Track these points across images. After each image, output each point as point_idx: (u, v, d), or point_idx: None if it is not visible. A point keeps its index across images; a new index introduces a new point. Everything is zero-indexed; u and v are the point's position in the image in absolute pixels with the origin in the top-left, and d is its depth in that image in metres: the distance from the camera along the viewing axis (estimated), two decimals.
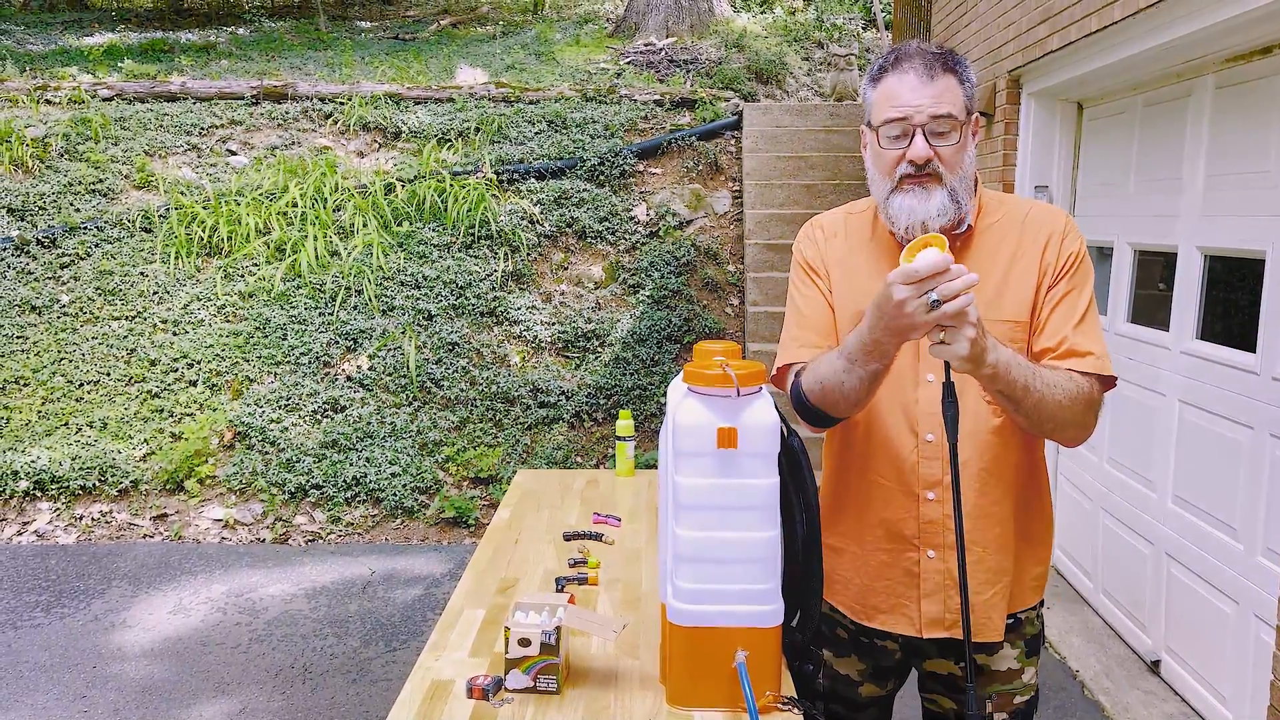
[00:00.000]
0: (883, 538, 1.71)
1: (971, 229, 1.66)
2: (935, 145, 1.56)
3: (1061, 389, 1.53)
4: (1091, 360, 1.58)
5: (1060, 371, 1.56)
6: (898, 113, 1.56)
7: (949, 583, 1.67)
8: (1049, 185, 4.30)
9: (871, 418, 1.70)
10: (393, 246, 6.69)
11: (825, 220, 1.83)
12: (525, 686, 1.59)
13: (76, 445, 5.41)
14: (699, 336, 6.37)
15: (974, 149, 1.64)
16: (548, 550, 2.30)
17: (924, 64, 1.56)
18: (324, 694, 3.55)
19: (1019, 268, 1.64)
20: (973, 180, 1.66)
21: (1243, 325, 2.99)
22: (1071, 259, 1.63)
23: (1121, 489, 3.72)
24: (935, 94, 1.55)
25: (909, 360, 1.66)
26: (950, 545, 1.66)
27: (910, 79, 1.56)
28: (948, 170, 1.57)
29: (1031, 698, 1.79)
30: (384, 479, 5.31)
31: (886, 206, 1.62)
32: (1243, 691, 2.92)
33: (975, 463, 1.64)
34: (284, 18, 13.90)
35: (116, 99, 8.08)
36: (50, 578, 4.55)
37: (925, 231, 1.58)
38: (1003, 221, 1.68)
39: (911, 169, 1.57)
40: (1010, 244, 1.66)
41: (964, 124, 1.58)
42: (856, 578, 1.76)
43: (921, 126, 1.55)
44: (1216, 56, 3.10)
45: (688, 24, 10.99)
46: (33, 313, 6.19)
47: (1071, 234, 1.66)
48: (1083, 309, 1.62)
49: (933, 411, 1.64)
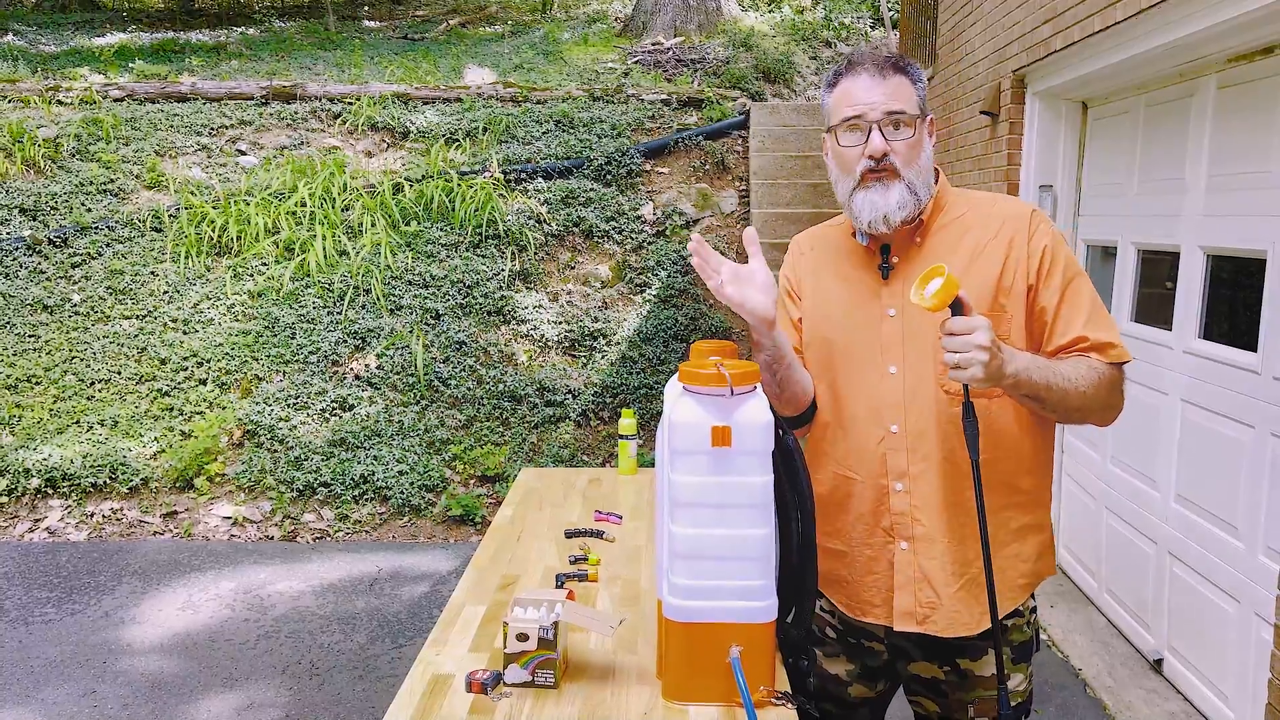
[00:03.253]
0: (865, 532, 1.73)
1: (924, 223, 1.70)
2: (890, 140, 1.62)
3: (1083, 379, 1.57)
4: (1113, 351, 1.63)
5: (1075, 362, 1.59)
6: (853, 110, 1.63)
7: (919, 576, 1.68)
8: (1053, 185, 4.31)
9: (839, 412, 1.75)
10: (401, 246, 6.73)
11: (803, 237, 1.92)
12: (523, 681, 1.62)
13: (87, 443, 5.46)
14: (705, 335, 6.39)
15: (930, 146, 1.69)
16: (549, 548, 2.33)
17: (875, 65, 1.64)
18: (331, 690, 3.58)
19: (981, 261, 1.66)
20: (931, 175, 1.69)
21: (1245, 325, 3.00)
22: (1047, 253, 1.65)
23: (1124, 488, 3.72)
24: (888, 92, 1.62)
25: (872, 353, 1.70)
26: (920, 537, 1.68)
27: (863, 79, 1.63)
28: (903, 165, 1.63)
29: (1022, 703, 1.77)
30: (391, 477, 5.35)
31: (850, 204, 1.68)
32: (1244, 690, 2.93)
33: (938, 453, 1.66)
34: (293, 18, 13.96)
35: (127, 99, 8.14)
36: (61, 574, 4.60)
37: (889, 226, 1.64)
38: (966, 217, 1.71)
39: (870, 164, 1.62)
40: (973, 238, 1.68)
41: (918, 120, 1.64)
42: (849, 574, 1.78)
43: (876, 123, 1.61)
44: (1219, 57, 3.10)
45: (695, 23, 10.99)
46: (45, 312, 6.25)
47: (1041, 228, 1.67)
48: (1087, 300, 1.65)
49: (895, 402, 1.68)
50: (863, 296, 1.73)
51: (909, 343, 1.68)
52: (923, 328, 1.66)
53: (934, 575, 1.68)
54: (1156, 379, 3.47)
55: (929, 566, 1.68)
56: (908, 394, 1.67)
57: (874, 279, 1.73)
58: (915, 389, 1.67)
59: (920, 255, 1.70)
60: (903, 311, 1.69)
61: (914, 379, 1.67)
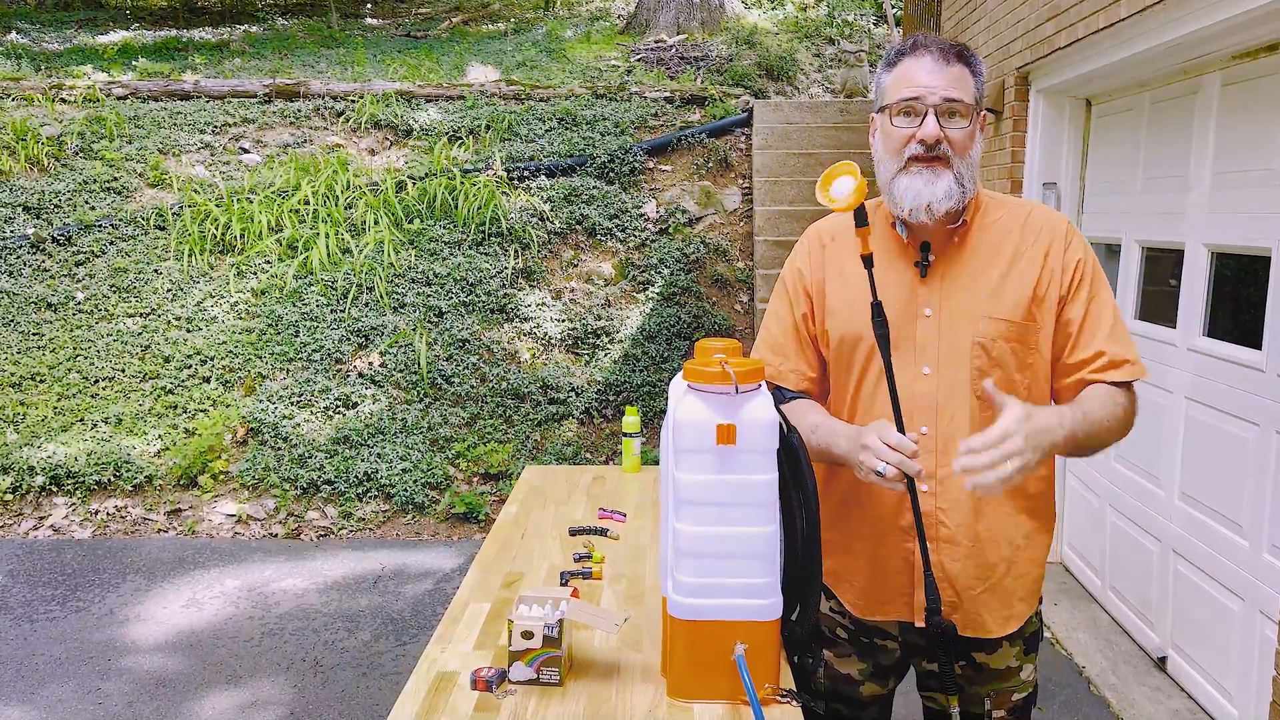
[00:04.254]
0: (880, 531, 1.72)
1: (967, 223, 1.68)
2: (946, 127, 1.58)
3: (1110, 417, 1.59)
4: (1129, 368, 1.63)
5: (1101, 398, 1.60)
6: (912, 92, 1.59)
7: (939, 575, 1.68)
8: (1057, 182, 4.30)
9: (866, 410, 1.71)
10: (404, 244, 6.73)
11: (825, 226, 1.83)
12: (528, 678, 1.62)
13: (91, 441, 5.47)
14: (708, 333, 6.39)
15: (980, 142, 1.66)
16: (553, 545, 2.33)
17: (940, 51, 1.60)
18: (335, 687, 3.59)
19: (1019, 268, 1.65)
20: (978, 171, 1.67)
21: (1249, 323, 2.99)
22: (1081, 267, 1.65)
23: (1129, 486, 3.72)
24: (949, 79, 1.58)
25: (905, 352, 1.67)
26: (943, 539, 1.67)
27: (926, 62, 1.59)
28: (956, 154, 1.59)
29: (1030, 694, 1.80)
30: (395, 475, 5.36)
31: (892, 189, 1.64)
32: (1248, 688, 2.93)
33: None
34: (296, 15, 13.96)
35: (131, 98, 8.15)
36: (65, 572, 4.61)
37: (930, 216, 1.60)
38: (1004, 220, 1.69)
39: (921, 149, 1.58)
40: (1012, 243, 1.67)
41: (974, 112, 1.61)
42: (861, 572, 1.77)
43: (934, 107, 1.57)
44: (1223, 54, 3.10)
45: (698, 21, 10.98)
46: (49, 310, 6.26)
47: (1075, 241, 1.67)
48: (1110, 317, 1.65)
49: (928, 404, 1.65)
50: (898, 292, 1.68)
51: (945, 344, 1.65)
52: (959, 329, 1.64)
53: (956, 576, 1.68)
54: (1161, 377, 3.46)
55: (952, 568, 1.68)
56: (941, 396, 1.65)
57: (910, 276, 1.68)
58: (950, 391, 1.65)
59: (960, 255, 1.67)
60: (939, 311, 1.65)
61: (949, 381, 1.65)
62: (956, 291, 1.65)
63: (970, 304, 1.64)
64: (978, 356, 1.63)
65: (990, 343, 1.62)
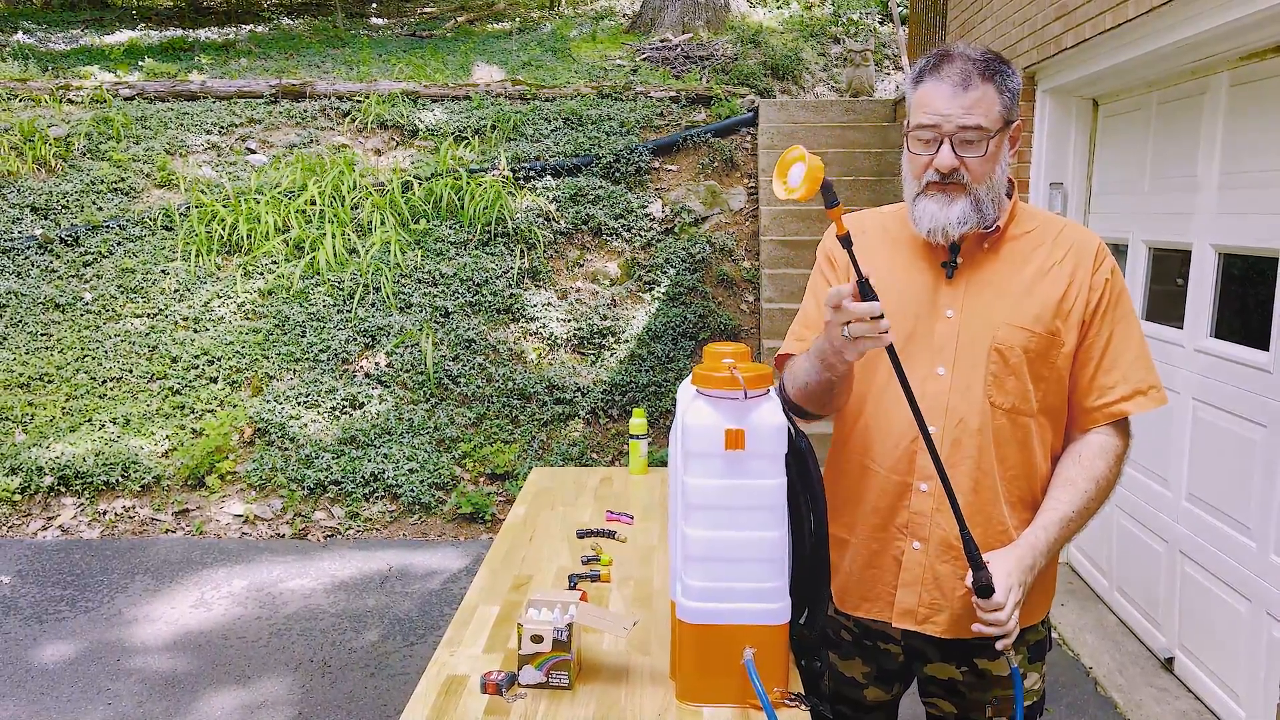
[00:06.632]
0: (876, 527, 1.73)
1: (1000, 230, 1.68)
2: (962, 156, 1.57)
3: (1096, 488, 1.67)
4: (1154, 394, 1.68)
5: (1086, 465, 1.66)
6: (928, 119, 1.58)
7: (928, 577, 1.69)
8: (1064, 182, 4.30)
9: (877, 405, 1.72)
10: (410, 244, 6.74)
11: (863, 217, 1.85)
12: (538, 682, 1.63)
13: (99, 441, 5.49)
14: (714, 333, 6.39)
15: (1009, 155, 1.65)
16: (561, 547, 2.34)
17: (961, 72, 1.57)
18: (342, 687, 3.60)
19: (1046, 281, 1.65)
20: (1005, 186, 1.67)
21: (1257, 323, 2.99)
22: (1110, 289, 1.66)
23: (1136, 487, 3.71)
24: (967, 105, 1.56)
25: (922, 351, 1.67)
26: (937, 540, 1.68)
27: (944, 88, 1.57)
28: (974, 180, 1.59)
29: (1035, 704, 1.79)
30: (401, 475, 5.37)
31: (913, 209, 1.66)
32: (1255, 689, 2.92)
33: (972, 460, 1.65)
34: (302, 15, 13.99)
35: (137, 98, 8.17)
36: (74, 572, 4.63)
37: (946, 239, 1.62)
38: (1035, 234, 1.70)
39: (937, 176, 1.59)
40: (1041, 257, 1.67)
41: (997, 133, 1.59)
42: (847, 565, 1.78)
43: (949, 136, 1.57)
44: (1231, 54, 3.09)
45: (704, 20, 10.98)
46: (56, 310, 6.28)
47: (1105, 263, 1.67)
48: (1136, 343, 1.67)
49: (939, 405, 1.66)
50: (921, 291, 1.69)
51: (962, 347, 1.65)
52: (978, 334, 1.64)
53: (945, 579, 1.68)
54: (1168, 378, 3.46)
55: (942, 570, 1.68)
56: (953, 398, 1.65)
57: (935, 276, 1.69)
58: (963, 394, 1.65)
59: (989, 261, 1.68)
60: (960, 314, 1.66)
61: (962, 384, 1.65)
62: (981, 296, 1.66)
63: (993, 309, 1.65)
64: (994, 362, 1.63)
65: (1008, 350, 1.63)
